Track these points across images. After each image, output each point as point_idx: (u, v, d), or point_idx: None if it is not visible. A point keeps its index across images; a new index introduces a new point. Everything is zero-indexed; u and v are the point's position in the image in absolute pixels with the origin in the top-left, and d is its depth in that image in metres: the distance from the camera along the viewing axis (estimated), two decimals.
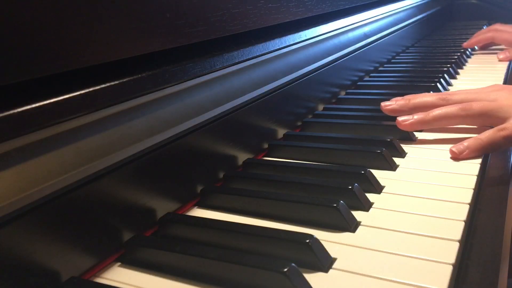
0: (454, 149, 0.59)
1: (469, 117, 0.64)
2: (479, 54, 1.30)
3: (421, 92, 0.79)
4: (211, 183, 0.53)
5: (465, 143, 0.59)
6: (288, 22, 0.66)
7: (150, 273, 0.40)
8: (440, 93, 0.72)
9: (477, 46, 1.35)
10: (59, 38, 0.34)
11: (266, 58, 0.62)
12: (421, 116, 0.65)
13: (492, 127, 0.61)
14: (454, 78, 1.02)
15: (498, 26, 1.31)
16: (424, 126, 0.66)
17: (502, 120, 0.61)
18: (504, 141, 0.58)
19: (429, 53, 1.25)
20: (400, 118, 0.65)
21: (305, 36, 0.72)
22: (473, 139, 0.59)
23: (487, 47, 1.35)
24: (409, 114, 0.69)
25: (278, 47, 0.64)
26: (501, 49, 1.25)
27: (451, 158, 0.59)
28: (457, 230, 0.42)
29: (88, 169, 0.37)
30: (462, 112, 0.64)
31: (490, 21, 1.74)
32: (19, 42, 0.31)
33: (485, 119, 0.63)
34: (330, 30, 0.81)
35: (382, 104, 0.72)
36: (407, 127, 0.65)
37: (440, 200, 0.48)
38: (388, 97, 0.82)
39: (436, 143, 0.65)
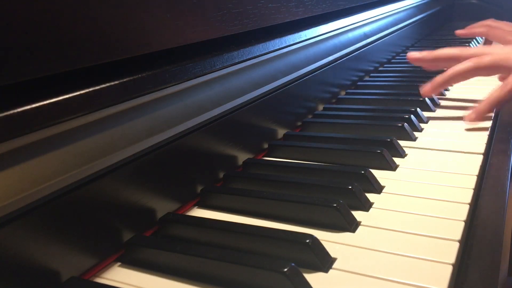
0: (467, 117, 0.68)
1: (481, 69, 0.72)
2: None
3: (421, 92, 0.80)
4: (211, 183, 0.53)
5: (479, 107, 0.68)
6: (288, 22, 0.66)
7: (150, 273, 0.40)
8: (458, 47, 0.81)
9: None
10: (58, 38, 0.34)
11: (266, 58, 0.61)
12: (438, 79, 0.74)
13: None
14: None
15: (491, 22, 1.28)
16: (444, 85, 0.75)
17: (510, 69, 0.70)
18: (510, 95, 0.67)
19: None
20: (421, 87, 0.76)
21: (305, 36, 0.72)
22: (484, 102, 0.68)
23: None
24: (431, 64, 0.82)
25: (278, 47, 0.64)
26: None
27: (465, 121, 0.69)
28: (457, 230, 0.42)
29: (88, 169, 0.37)
30: (474, 65, 0.72)
31: None
32: (19, 42, 0.31)
33: (496, 69, 0.73)
34: (330, 30, 0.81)
35: (408, 54, 0.82)
36: (429, 92, 0.76)
37: (440, 200, 0.48)
38: (389, 97, 0.83)
39: (436, 143, 0.65)
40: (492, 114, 0.71)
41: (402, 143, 0.63)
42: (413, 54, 0.81)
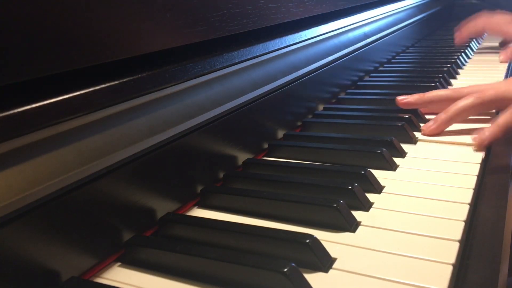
0: (476, 138, 0.62)
1: (485, 104, 0.68)
2: (479, 54, 1.30)
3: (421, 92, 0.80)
4: (211, 183, 0.53)
5: (486, 132, 0.62)
6: (288, 22, 0.66)
7: (150, 273, 0.40)
8: (450, 88, 0.74)
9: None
10: (59, 38, 0.34)
11: (266, 58, 0.62)
12: (442, 117, 0.68)
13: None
14: (454, 78, 1.01)
15: (486, 15, 1.27)
16: (449, 124, 0.68)
17: None
18: None
19: (429, 53, 1.25)
20: (425, 126, 0.69)
21: (305, 36, 0.72)
22: (493, 126, 0.62)
23: (479, 37, 1.34)
24: (424, 107, 0.74)
25: (278, 47, 0.64)
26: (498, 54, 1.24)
27: (474, 146, 0.62)
28: (457, 230, 0.42)
29: (88, 169, 0.37)
30: (478, 100, 0.68)
31: None
32: (19, 42, 0.31)
33: (500, 102, 0.68)
34: (330, 30, 0.81)
35: (398, 98, 0.75)
36: (434, 132, 0.68)
37: (440, 200, 0.48)
38: (389, 97, 0.83)
39: (436, 143, 0.65)
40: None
41: (402, 143, 0.63)
42: (402, 99, 0.75)
